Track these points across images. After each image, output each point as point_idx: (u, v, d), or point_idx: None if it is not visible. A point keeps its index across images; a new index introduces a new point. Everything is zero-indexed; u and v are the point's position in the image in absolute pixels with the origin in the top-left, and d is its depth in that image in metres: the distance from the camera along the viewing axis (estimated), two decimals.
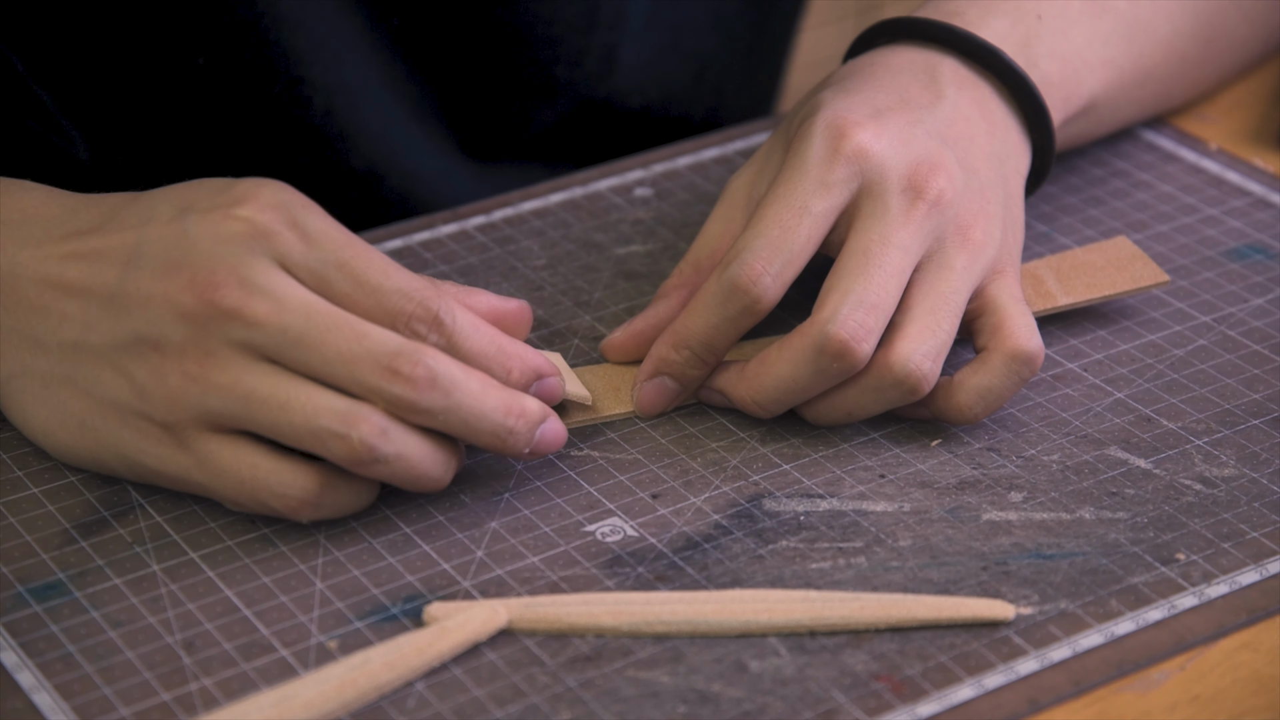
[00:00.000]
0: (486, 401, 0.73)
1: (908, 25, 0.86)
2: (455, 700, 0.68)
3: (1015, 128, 0.85)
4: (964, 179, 0.80)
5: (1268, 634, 0.71)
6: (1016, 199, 0.84)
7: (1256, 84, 1.04)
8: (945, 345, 0.78)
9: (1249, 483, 0.77)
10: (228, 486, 0.73)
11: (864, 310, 0.76)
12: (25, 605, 0.71)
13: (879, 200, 0.78)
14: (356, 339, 0.72)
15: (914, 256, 0.78)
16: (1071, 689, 0.69)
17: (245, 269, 0.72)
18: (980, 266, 0.79)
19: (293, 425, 0.71)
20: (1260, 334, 0.85)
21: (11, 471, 0.77)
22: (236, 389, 0.71)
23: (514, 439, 0.74)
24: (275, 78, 0.95)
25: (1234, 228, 0.92)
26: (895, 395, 0.77)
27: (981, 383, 0.78)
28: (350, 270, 0.73)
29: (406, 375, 0.71)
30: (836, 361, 0.76)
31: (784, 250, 0.77)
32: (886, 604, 0.71)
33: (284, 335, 0.71)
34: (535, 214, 0.94)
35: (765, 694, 0.68)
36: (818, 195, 0.78)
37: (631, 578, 0.73)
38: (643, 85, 1.05)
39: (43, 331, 0.74)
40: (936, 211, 0.79)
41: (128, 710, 0.67)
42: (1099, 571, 0.73)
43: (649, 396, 0.80)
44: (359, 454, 0.71)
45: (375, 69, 0.98)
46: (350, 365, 0.71)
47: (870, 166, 0.79)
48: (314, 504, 0.73)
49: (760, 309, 0.78)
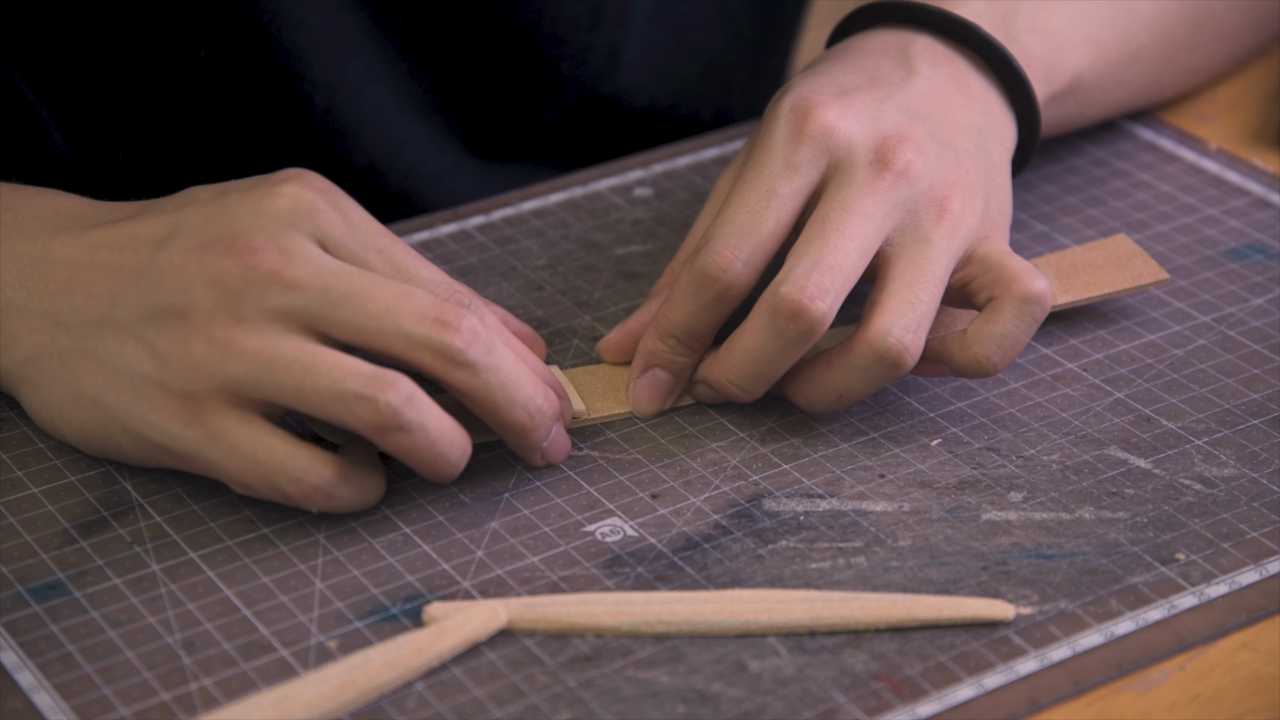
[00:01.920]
0: (523, 370, 0.73)
1: (883, 9, 0.86)
2: (455, 700, 0.68)
3: (997, 101, 0.85)
4: (937, 151, 0.80)
5: (1268, 634, 0.71)
6: (1001, 170, 0.83)
7: (1256, 84, 1.04)
8: (926, 317, 0.77)
9: (1249, 483, 0.77)
10: (241, 466, 0.72)
11: (818, 271, 0.76)
12: (25, 605, 0.71)
13: (845, 174, 0.78)
14: (403, 294, 0.72)
15: (878, 223, 0.78)
16: (1071, 689, 0.69)
17: (286, 238, 0.72)
18: (961, 236, 0.79)
19: (318, 389, 0.71)
20: (1260, 334, 0.85)
21: (11, 471, 0.77)
22: (262, 354, 0.71)
23: (541, 419, 0.74)
24: (276, 74, 0.95)
25: (1234, 228, 0.92)
26: (880, 371, 0.77)
27: (996, 330, 0.78)
28: (389, 256, 0.74)
29: (454, 325, 0.71)
30: (792, 323, 0.76)
31: (752, 235, 0.77)
32: (886, 604, 0.71)
33: (326, 296, 0.71)
34: (535, 214, 0.94)
35: (765, 694, 0.68)
36: (784, 177, 0.78)
37: (631, 578, 0.73)
38: (648, 83, 1.05)
39: (67, 311, 0.74)
40: (905, 182, 0.78)
41: (127, 710, 0.67)
42: (1099, 571, 0.73)
43: (644, 392, 0.80)
44: (385, 418, 0.71)
45: (378, 66, 0.98)
46: (398, 317, 0.71)
47: (836, 144, 0.79)
48: (328, 493, 0.73)
49: (733, 295, 0.78)
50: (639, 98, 1.05)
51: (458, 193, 1.00)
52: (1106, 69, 0.92)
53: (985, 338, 0.78)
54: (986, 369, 0.78)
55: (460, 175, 1.02)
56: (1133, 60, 0.94)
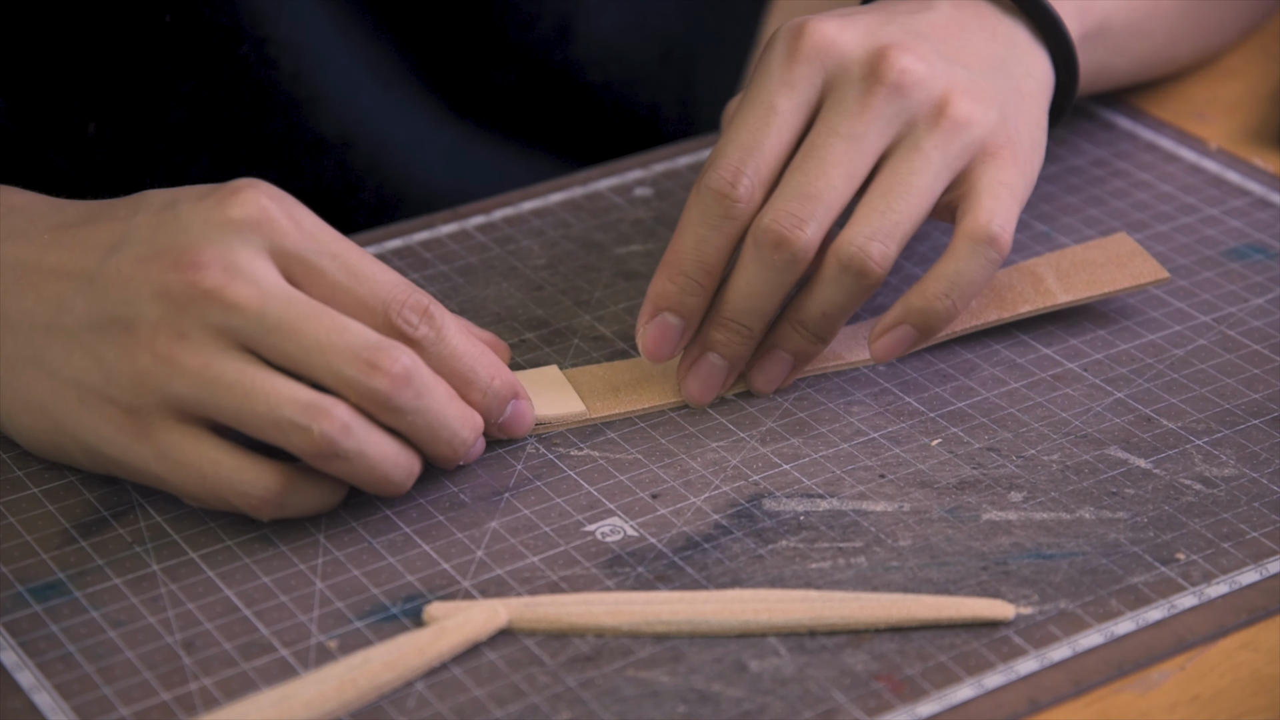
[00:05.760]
0: (451, 410, 0.74)
1: None
2: (455, 700, 0.68)
3: (1026, 39, 0.84)
4: (944, 65, 0.79)
5: (1268, 634, 0.71)
6: (1032, 98, 0.82)
7: (1257, 84, 1.04)
8: (897, 226, 0.77)
9: (1249, 483, 0.77)
10: (188, 480, 0.72)
11: (797, 200, 0.76)
12: (25, 605, 0.71)
13: (838, 91, 0.78)
14: (337, 330, 0.71)
15: (867, 143, 0.77)
16: (1071, 689, 0.69)
17: (232, 254, 0.72)
18: (960, 145, 0.78)
19: (255, 413, 0.71)
20: (1260, 334, 0.85)
21: (11, 471, 0.77)
22: (204, 373, 0.71)
23: (465, 451, 0.74)
24: (242, 37, 0.95)
25: (1234, 228, 0.92)
26: (849, 282, 0.77)
27: (948, 268, 0.78)
28: (344, 261, 0.73)
29: (385, 369, 0.71)
30: (776, 252, 0.76)
31: (755, 150, 0.77)
32: (886, 604, 0.71)
33: (262, 321, 0.71)
34: (535, 214, 0.94)
35: (765, 694, 0.68)
36: (781, 93, 0.78)
37: (631, 578, 0.73)
38: (602, 60, 1.04)
39: (15, 314, 0.74)
40: (899, 94, 0.78)
41: (127, 710, 0.67)
42: (1099, 571, 0.73)
43: (654, 338, 0.79)
44: (319, 447, 0.71)
45: (340, 26, 0.98)
46: (328, 354, 0.71)
47: (832, 60, 0.79)
48: (276, 503, 0.72)
49: (739, 211, 0.77)
50: (593, 73, 1.04)
51: (427, 165, 1.00)
52: (1131, 14, 0.92)
53: (939, 275, 0.78)
54: (940, 310, 0.78)
55: (430, 147, 1.02)
56: (1154, 8, 0.94)
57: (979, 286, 0.78)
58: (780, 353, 0.80)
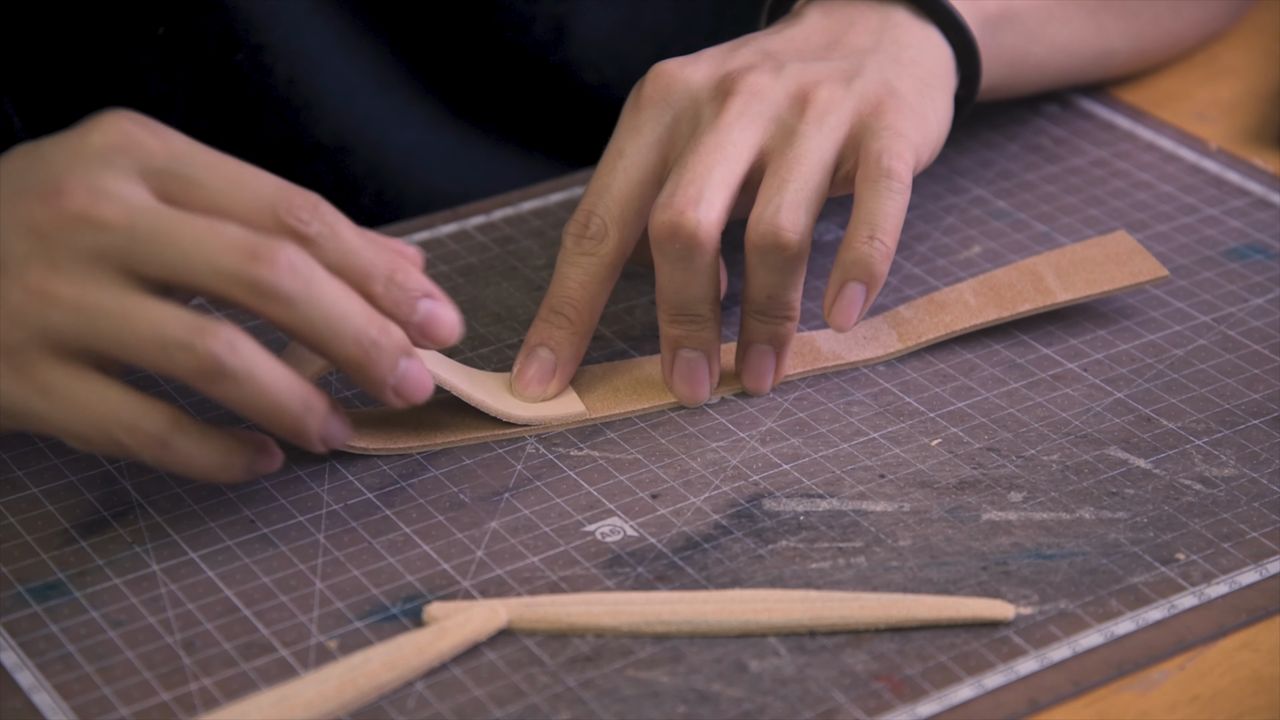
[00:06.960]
0: (350, 304, 0.70)
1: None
2: (455, 700, 0.68)
3: (906, 18, 0.86)
4: (796, 69, 0.81)
5: (1268, 634, 0.71)
6: (914, 64, 0.84)
7: (1257, 84, 1.04)
8: (798, 193, 0.78)
9: (1249, 483, 0.77)
10: (72, 417, 0.69)
11: (681, 187, 0.78)
12: (25, 605, 0.71)
13: (692, 118, 0.81)
14: (214, 231, 0.69)
15: (736, 134, 0.79)
16: (1071, 689, 0.69)
17: (96, 178, 0.70)
18: (835, 119, 0.80)
19: (137, 337, 0.68)
20: (1260, 334, 0.85)
21: (11, 471, 0.77)
22: (81, 302, 0.69)
23: (378, 353, 0.71)
24: (236, 45, 0.95)
25: (1234, 228, 0.92)
26: (773, 259, 0.78)
27: (860, 213, 0.79)
28: (221, 170, 0.71)
29: (267, 257, 0.69)
30: (672, 241, 0.77)
31: (604, 192, 0.80)
32: (886, 604, 0.71)
33: (134, 235, 0.69)
34: (535, 214, 0.94)
35: (765, 694, 0.68)
36: (628, 139, 0.81)
37: (631, 578, 0.73)
38: (598, 60, 1.04)
39: None
40: (755, 99, 0.80)
41: (127, 710, 0.67)
42: (1099, 571, 0.73)
43: (527, 373, 0.80)
44: (206, 365, 0.68)
45: (334, 34, 0.98)
46: (206, 252, 0.68)
47: (677, 95, 0.81)
48: (162, 442, 0.70)
49: (596, 247, 0.80)
50: (589, 74, 1.04)
51: (426, 169, 1.00)
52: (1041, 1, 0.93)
53: (855, 224, 0.79)
54: (870, 253, 0.78)
55: (428, 150, 1.02)
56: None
57: (896, 220, 0.79)
58: (756, 346, 0.81)
